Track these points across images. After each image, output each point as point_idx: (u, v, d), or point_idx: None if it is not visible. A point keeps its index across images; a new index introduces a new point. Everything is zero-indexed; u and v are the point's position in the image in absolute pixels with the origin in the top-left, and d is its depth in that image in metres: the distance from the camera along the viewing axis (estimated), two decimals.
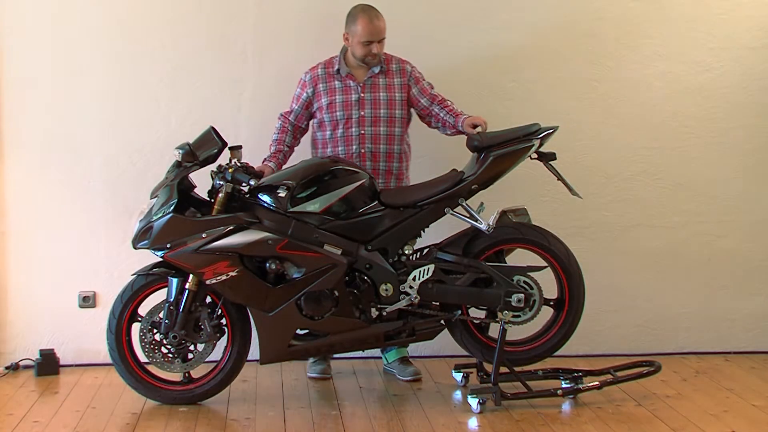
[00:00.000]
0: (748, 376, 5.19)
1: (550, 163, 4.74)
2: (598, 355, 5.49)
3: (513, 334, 4.78)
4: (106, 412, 4.64)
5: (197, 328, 4.66)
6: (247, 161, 4.70)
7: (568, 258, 4.74)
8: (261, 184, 4.61)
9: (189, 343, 4.68)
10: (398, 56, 5.04)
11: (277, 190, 4.58)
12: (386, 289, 4.63)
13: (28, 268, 5.34)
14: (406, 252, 4.71)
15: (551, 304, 4.81)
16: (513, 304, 4.64)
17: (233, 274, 4.52)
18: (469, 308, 4.79)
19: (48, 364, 5.21)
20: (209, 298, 4.69)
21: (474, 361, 4.93)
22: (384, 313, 4.66)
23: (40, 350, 5.24)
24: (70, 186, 5.32)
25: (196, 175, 4.67)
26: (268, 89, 5.35)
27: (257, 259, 4.59)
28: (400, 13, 5.17)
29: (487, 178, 4.67)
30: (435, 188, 4.68)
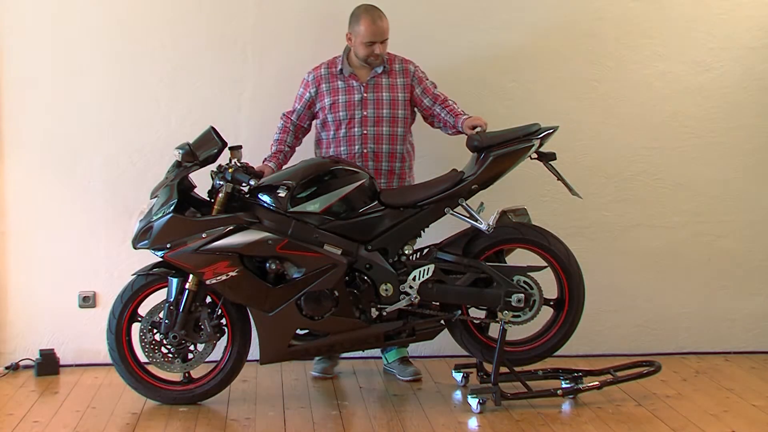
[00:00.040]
0: (748, 376, 5.19)
1: (550, 163, 4.74)
2: (598, 355, 5.49)
3: (513, 334, 4.78)
4: (106, 412, 4.64)
5: (197, 328, 4.66)
6: (247, 161, 4.70)
7: (568, 258, 4.74)
8: (261, 184, 4.60)
9: (189, 343, 4.68)
10: (401, 56, 5.04)
11: (277, 190, 4.57)
12: (386, 289, 4.63)
13: (28, 268, 5.34)
14: (406, 252, 4.71)
15: (551, 304, 4.80)
16: (513, 304, 4.64)
17: (233, 274, 4.52)
18: (469, 308, 4.79)
19: (48, 364, 5.21)
20: (209, 298, 4.69)
21: (474, 361, 4.93)
22: (384, 313, 4.66)
23: (40, 350, 5.24)
24: (70, 186, 5.32)
25: (196, 175, 4.68)
26: (268, 89, 5.35)
27: (257, 259, 4.59)
28: (401, 12, 5.16)
29: (487, 178, 4.67)
30: (435, 188, 4.68)
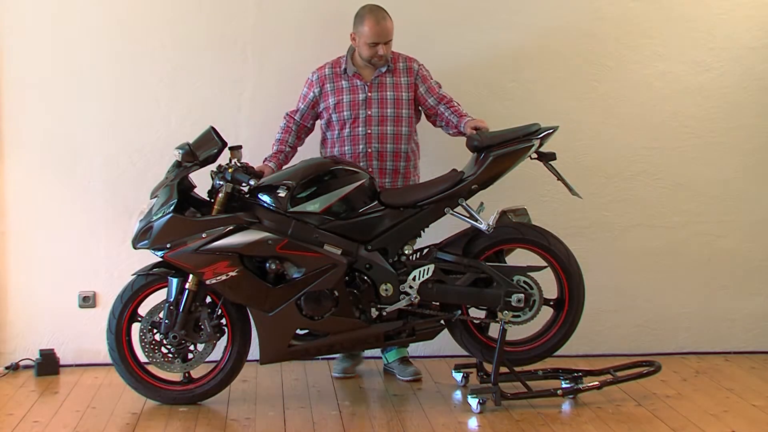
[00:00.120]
0: (748, 376, 5.19)
1: (550, 163, 4.74)
2: (598, 355, 5.48)
3: (513, 334, 4.77)
4: (106, 412, 4.64)
5: (197, 328, 4.66)
6: (247, 161, 4.70)
7: (568, 258, 4.74)
8: (261, 184, 4.60)
9: (189, 343, 4.68)
10: (405, 54, 5.04)
11: (277, 190, 4.57)
12: (386, 289, 4.63)
13: (28, 268, 5.34)
14: (406, 252, 4.71)
15: (551, 304, 4.80)
16: (513, 304, 4.64)
17: (233, 274, 4.52)
18: (469, 308, 4.79)
19: (48, 364, 5.21)
20: (209, 298, 4.69)
21: (474, 361, 4.93)
22: (384, 313, 4.66)
23: (40, 350, 5.24)
24: (70, 186, 5.32)
25: (196, 175, 4.68)
26: (268, 89, 5.35)
27: (257, 259, 4.59)
28: (401, 12, 5.16)
29: (487, 178, 4.67)
30: (435, 188, 4.68)
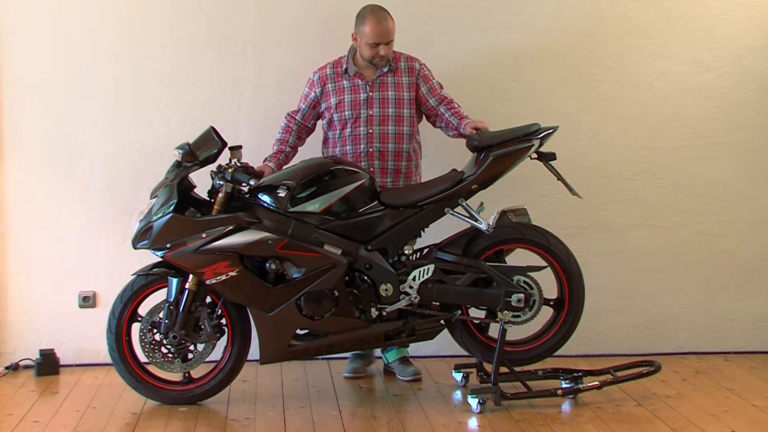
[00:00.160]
0: (748, 376, 5.19)
1: (550, 163, 4.74)
2: (598, 355, 5.48)
3: (513, 334, 4.77)
4: (106, 412, 4.64)
5: (197, 328, 4.66)
6: (247, 161, 4.70)
7: (568, 258, 4.74)
8: (261, 184, 4.60)
9: (189, 343, 4.68)
10: (407, 54, 5.03)
11: (277, 190, 4.57)
12: (386, 289, 4.63)
13: (28, 268, 5.34)
14: (406, 252, 4.71)
15: (551, 304, 4.80)
16: (513, 304, 4.64)
17: (233, 274, 4.52)
18: (469, 308, 4.79)
19: (48, 364, 5.21)
20: (209, 298, 4.69)
21: (474, 361, 4.93)
22: (384, 313, 4.66)
23: (40, 350, 5.24)
24: (70, 186, 5.32)
25: (196, 175, 4.68)
26: (268, 89, 5.35)
27: (257, 259, 4.59)
28: (401, 13, 5.15)
29: (487, 178, 4.67)
30: (435, 188, 4.68)
